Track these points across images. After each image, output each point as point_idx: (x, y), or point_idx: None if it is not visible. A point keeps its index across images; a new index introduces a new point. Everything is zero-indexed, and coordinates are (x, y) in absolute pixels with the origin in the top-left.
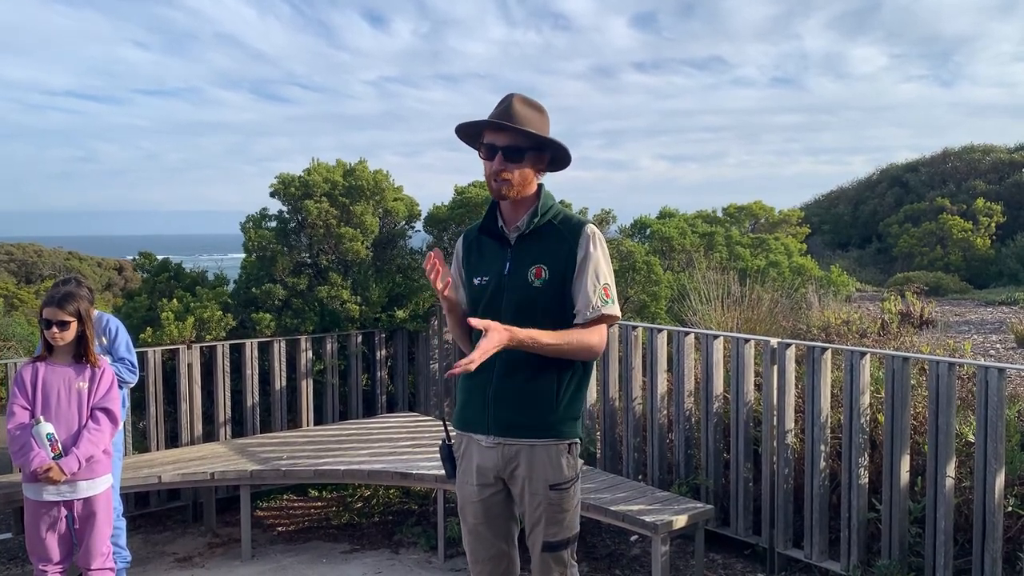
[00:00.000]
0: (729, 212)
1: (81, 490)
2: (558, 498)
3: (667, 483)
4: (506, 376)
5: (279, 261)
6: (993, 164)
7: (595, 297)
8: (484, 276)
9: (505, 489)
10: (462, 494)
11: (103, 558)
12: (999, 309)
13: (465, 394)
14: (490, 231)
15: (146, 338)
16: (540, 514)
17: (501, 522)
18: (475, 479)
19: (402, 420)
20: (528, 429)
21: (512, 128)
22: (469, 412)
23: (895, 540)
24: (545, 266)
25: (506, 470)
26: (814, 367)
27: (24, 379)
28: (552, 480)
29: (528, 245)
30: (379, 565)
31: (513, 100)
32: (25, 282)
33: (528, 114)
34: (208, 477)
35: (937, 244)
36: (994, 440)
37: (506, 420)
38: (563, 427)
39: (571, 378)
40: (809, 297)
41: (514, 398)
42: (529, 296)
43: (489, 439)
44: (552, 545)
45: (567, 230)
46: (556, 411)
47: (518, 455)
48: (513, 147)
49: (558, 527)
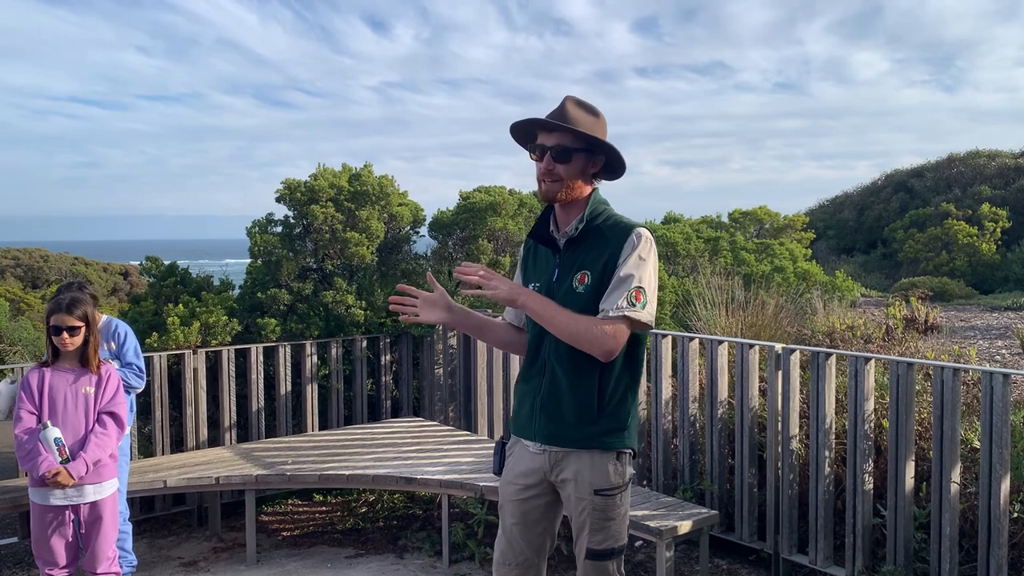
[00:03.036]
0: (734, 217)
1: (88, 494)
2: (603, 504)
3: (671, 488)
4: (552, 384)
5: (284, 266)
6: (998, 169)
7: (623, 298)
8: (536, 283)
9: (548, 495)
10: (503, 492)
11: (109, 562)
12: (1004, 314)
13: (518, 400)
14: (542, 236)
15: (152, 343)
16: (585, 519)
17: (537, 530)
18: (520, 478)
19: (407, 425)
20: (571, 440)
21: (561, 128)
22: (520, 419)
23: (900, 546)
24: (588, 272)
25: (553, 472)
26: (819, 372)
27: (31, 384)
28: (598, 485)
29: (575, 250)
30: (383, 570)
31: (566, 101)
32: (31, 287)
33: (579, 115)
34: (213, 482)
35: (942, 249)
36: (999, 446)
37: (550, 431)
38: (608, 438)
39: (615, 387)
40: (814, 302)
41: (557, 409)
42: (573, 303)
43: (536, 445)
44: (597, 553)
45: (613, 235)
46: (598, 422)
47: (564, 459)
48: (561, 147)
49: (603, 535)
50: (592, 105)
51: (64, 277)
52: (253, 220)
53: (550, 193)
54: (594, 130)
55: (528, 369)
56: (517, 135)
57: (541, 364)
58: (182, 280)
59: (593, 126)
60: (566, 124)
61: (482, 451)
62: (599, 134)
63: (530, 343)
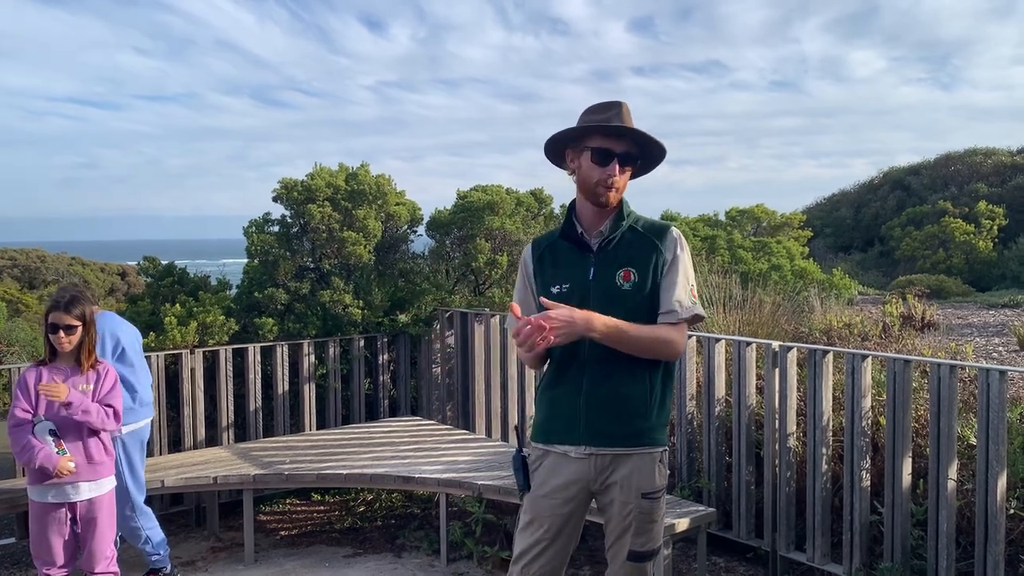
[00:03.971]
0: (731, 216)
1: (84, 491)
2: (649, 507)
3: (669, 486)
4: (599, 383)
5: (282, 265)
6: (995, 167)
7: (686, 297)
8: (564, 283)
9: (585, 503)
10: (538, 507)
11: (107, 561)
12: (1001, 312)
13: (549, 405)
14: (570, 237)
15: (149, 343)
16: (630, 522)
17: (571, 539)
18: (558, 493)
19: (405, 424)
20: (624, 438)
21: (634, 133)
22: (557, 423)
23: (897, 543)
24: (634, 270)
25: (597, 481)
26: (816, 370)
27: (27, 383)
28: (646, 488)
29: (614, 250)
30: (381, 569)
31: (624, 105)
32: (28, 287)
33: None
34: (211, 481)
35: (939, 247)
36: (996, 443)
37: (601, 429)
38: (656, 434)
39: (662, 382)
40: (811, 300)
41: (609, 405)
42: (618, 299)
43: (580, 449)
44: (639, 555)
45: (652, 234)
46: (650, 417)
47: (612, 463)
48: (627, 153)
49: (646, 537)
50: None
51: (61, 277)
52: (250, 220)
53: (607, 197)
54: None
55: (563, 372)
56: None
57: (580, 365)
58: (179, 280)
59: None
60: (645, 133)
61: (480, 450)
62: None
63: (563, 347)
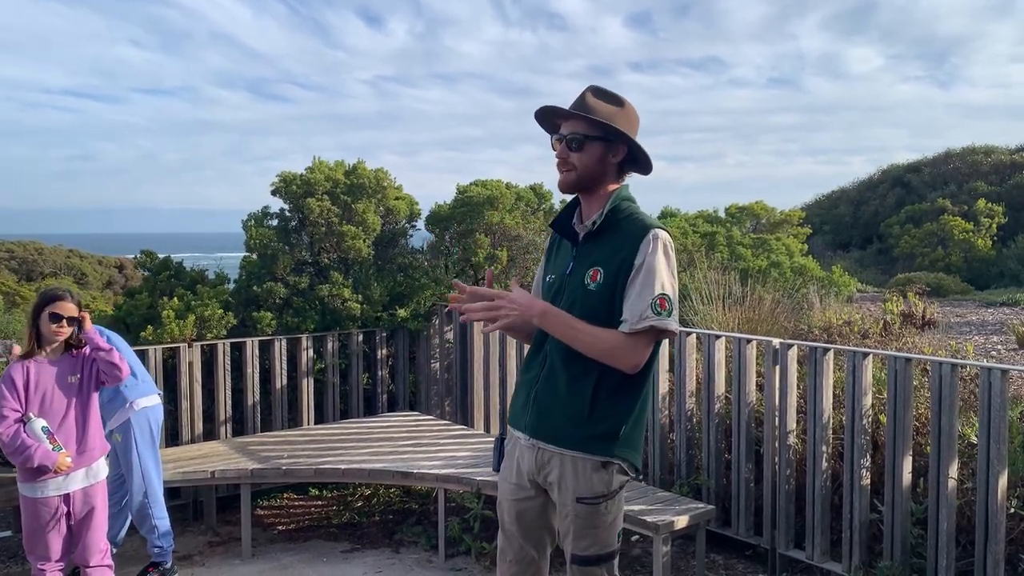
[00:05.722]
0: (730, 212)
1: (77, 480)
2: (586, 512)
3: (668, 483)
4: (548, 378)
5: (280, 259)
6: (994, 165)
7: (646, 307)
8: (552, 274)
9: (541, 497)
10: (500, 490)
11: (102, 554)
12: (1000, 310)
13: (516, 389)
14: (563, 227)
15: (147, 336)
16: (568, 525)
17: (534, 530)
18: (513, 477)
19: (403, 419)
20: (557, 439)
21: (576, 115)
22: (516, 408)
23: (897, 541)
24: (602, 270)
25: (540, 474)
26: (816, 368)
27: (15, 381)
28: (581, 493)
29: (591, 245)
30: (379, 564)
31: (586, 90)
32: (26, 280)
33: (598, 104)
34: (208, 476)
35: (938, 245)
36: (996, 441)
37: (540, 423)
38: (593, 443)
39: (614, 390)
40: (811, 297)
41: (548, 403)
42: (582, 299)
43: (527, 439)
44: (583, 559)
45: (631, 232)
46: (586, 425)
47: (550, 462)
48: (574, 134)
49: (588, 541)
50: (616, 94)
51: (59, 270)
52: (249, 213)
53: (564, 183)
54: (614, 119)
55: (531, 360)
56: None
57: (543, 356)
58: (177, 273)
59: (613, 115)
60: (579, 111)
61: (478, 445)
62: (620, 123)
63: (536, 333)
